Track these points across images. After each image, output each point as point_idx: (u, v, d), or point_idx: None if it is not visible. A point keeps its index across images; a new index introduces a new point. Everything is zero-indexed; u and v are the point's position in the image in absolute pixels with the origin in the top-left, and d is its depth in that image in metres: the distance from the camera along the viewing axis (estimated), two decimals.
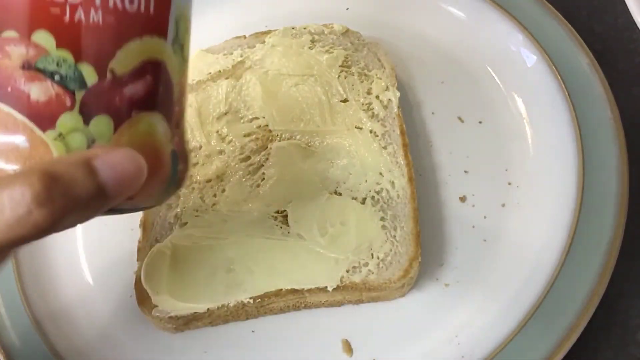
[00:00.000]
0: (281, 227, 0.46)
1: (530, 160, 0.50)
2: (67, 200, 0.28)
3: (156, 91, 0.33)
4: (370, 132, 0.49)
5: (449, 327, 0.44)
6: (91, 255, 0.51)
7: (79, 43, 0.30)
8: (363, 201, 0.47)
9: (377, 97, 0.51)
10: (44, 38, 0.30)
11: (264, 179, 0.48)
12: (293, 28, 0.54)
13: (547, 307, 0.43)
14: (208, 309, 0.44)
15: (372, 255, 0.45)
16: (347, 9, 0.58)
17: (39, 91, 0.30)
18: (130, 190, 0.30)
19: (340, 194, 0.47)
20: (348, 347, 0.45)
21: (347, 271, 0.44)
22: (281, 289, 0.44)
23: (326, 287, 0.44)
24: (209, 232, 0.46)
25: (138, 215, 0.49)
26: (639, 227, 0.48)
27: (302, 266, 0.45)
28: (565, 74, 0.51)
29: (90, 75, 0.30)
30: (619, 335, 0.45)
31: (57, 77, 0.30)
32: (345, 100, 0.50)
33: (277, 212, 0.47)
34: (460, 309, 0.45)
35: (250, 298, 0.44)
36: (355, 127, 0.49)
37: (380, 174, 0.47)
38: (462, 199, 0.49)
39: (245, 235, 0.46)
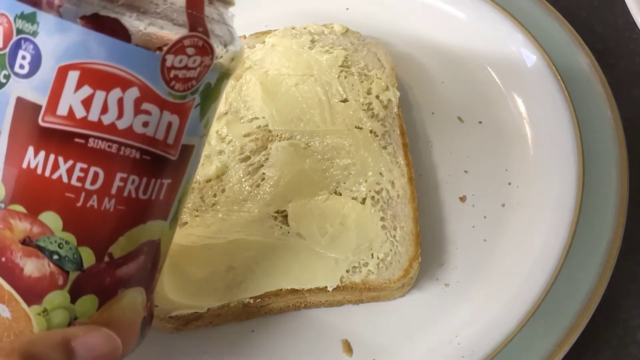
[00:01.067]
0: (281, 227, 0.46)
1: (530, 160, 0.50)
2: None
3: (146, 269, 0.33)
4: (370, 132, 0.49)
5: (449, 327, 0.44)
6: None
7: (86, 228, 0.30)
8: (363, 201, 0.47)
9: (377, 97, 0.51)
10: (51, 219, 0.29)
11: (264, 179, 0.48)
12: (293, 28, 0.55)
13: (547, 307, 0.43)
14: (208, 309, 0.44)
15: (372, 255, 0.45)
16: (347, 9, 0.59)
17: (33, 267, 0.30)
18: None
19: (340, 194, 0.47)
20: (348, 347, 0.45)
21: (347, 271, 0.44)
22: (281, 289, 0.44)
23: (326, 287, 0.44)
24: (209, 232, 0.46)
25: None
26: (639, 226, 0.48)
27: (302, 266, 0.45)
28: (565, 74, 0.51)
29: (88, 258, 0.30)
30: (620, 336, 0.45)
31: (55, 257, 0.30)
32: (345, 100, 0.50)
33: (277, 212, 0.47)
34: (460, 309, 0.45)
35: (250, 298, 0.44)
36: (355, 127, 0.49)
37: (380, 174, 0.47)
38: (462, 199, 0.49)
39: (245, 235, 0.46)
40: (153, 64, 0.29)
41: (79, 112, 0.29)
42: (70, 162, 0.29)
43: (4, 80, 0.29)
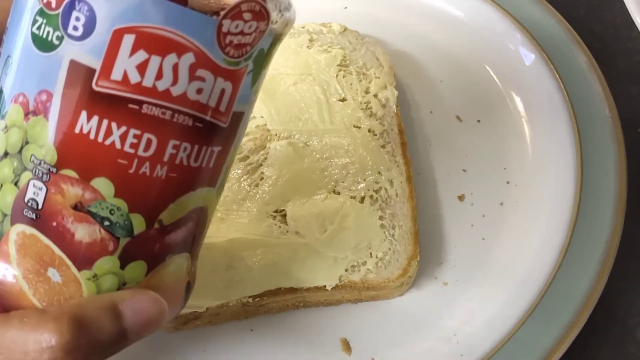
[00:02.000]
0: (280, 226, 0.46)
1: (529, 158, 0.50)
2: (92, 346, 0.29)
3: (192, 235, 0.33)
4: (369, 131, 0.49)
5: (448, 325, 0.44)
6: None
7: (138, 195, 0.29)
8: (362, 200, 0.47)
9: (376, 95, 0.51)
10: (103, 185, 0.29)
11: (262, 178, 0.48)
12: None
13: (546, 306, 0.43)
14: (207, 308, 0.44)
15: (371, 254, 0.45)
16: (345, 7, 0.58)
17: (84, 233, 0.29)
18: (150, 332, 0.31)
19: (338, 193, 0.47)
20: (347, 346, 0.45)
21: (346, 270, 0.44)
22: (280, 288, 0.44)
23: (325, 286, 0.44)
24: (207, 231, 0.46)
25: None
26: (638, 225, 0.48)
27: (301, 265, 0.45)
28: (563, 73, 0.51)
29: (139, 225, 0.30)
30: (618, 334, 0.45)
31: (106, 223, 0.29)
32: (343, 99, 0.50)
33: (276, 211, 0.47)
34: (459, 308, 0.45)
35: (249, 297, 0.44)
36: (354, 126, 0.49)
37: (379, 172, 0.47)
38: (461, 198, 0.49)
39: (244, 234, 0.46)
40: (209, 30, 0.28)
41: (134, 77, 0.28)
42: (124, 128, 0.28)
43: (56, 42, 0.28)
